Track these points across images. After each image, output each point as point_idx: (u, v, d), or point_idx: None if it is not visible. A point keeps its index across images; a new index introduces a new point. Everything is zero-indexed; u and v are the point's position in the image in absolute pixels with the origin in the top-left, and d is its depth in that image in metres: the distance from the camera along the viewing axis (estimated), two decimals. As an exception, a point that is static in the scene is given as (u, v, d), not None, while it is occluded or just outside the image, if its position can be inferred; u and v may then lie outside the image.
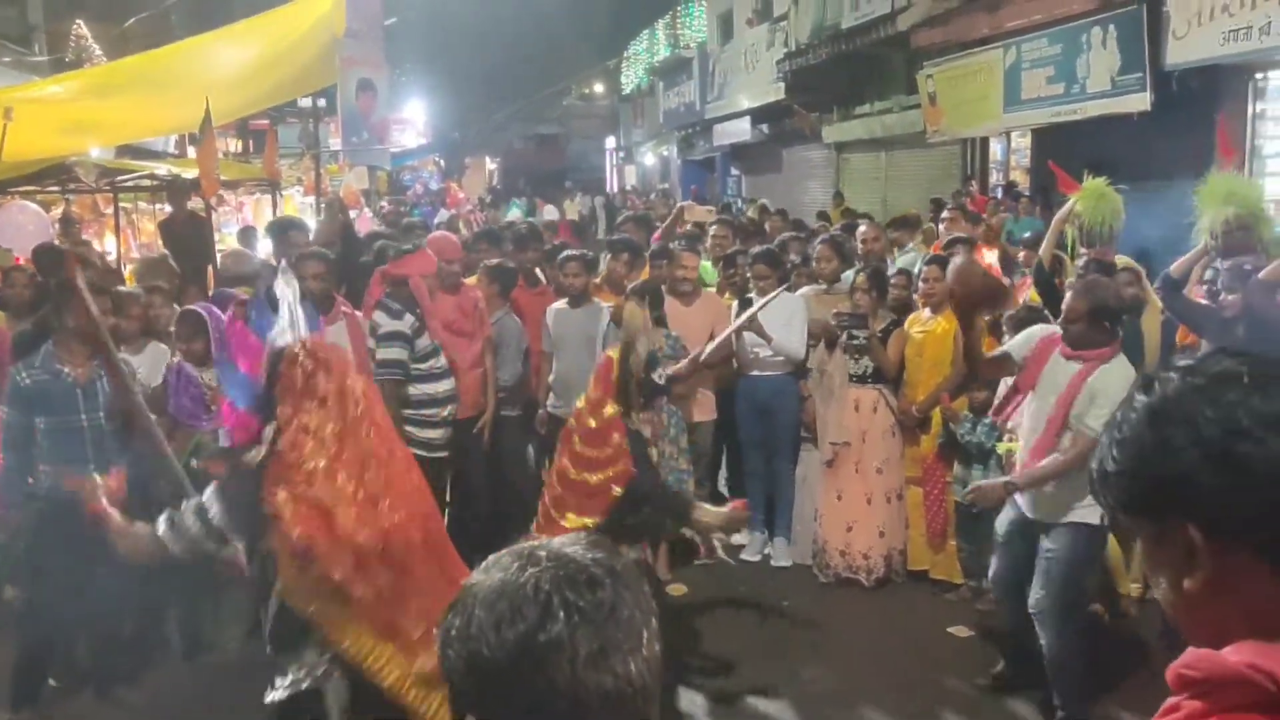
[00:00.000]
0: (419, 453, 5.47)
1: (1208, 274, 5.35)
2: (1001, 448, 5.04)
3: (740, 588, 5.80)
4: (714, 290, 6.66)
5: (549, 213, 20.17)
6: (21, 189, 9.68)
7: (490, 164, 38.80)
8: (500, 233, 7.69)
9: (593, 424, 4.10)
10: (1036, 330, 4.47)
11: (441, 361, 5.43)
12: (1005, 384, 5.16)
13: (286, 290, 3.36)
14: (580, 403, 4.25)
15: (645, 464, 4.15)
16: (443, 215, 16.29)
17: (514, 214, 16.92)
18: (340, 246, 6.51)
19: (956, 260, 4.46)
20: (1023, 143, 14.09)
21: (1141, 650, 4.78)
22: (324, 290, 5.27)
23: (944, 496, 5.58)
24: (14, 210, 8.97)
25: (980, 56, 12.64)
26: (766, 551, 6.24)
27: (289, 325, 3.22)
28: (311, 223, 10.26)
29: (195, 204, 9.14)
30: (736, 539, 6.42)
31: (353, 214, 13.09)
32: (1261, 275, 4.90)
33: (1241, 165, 9.32)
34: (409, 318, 5.30)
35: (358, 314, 5.39)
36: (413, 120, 29.14)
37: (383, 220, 13.24)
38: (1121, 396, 3.76)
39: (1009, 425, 4.68)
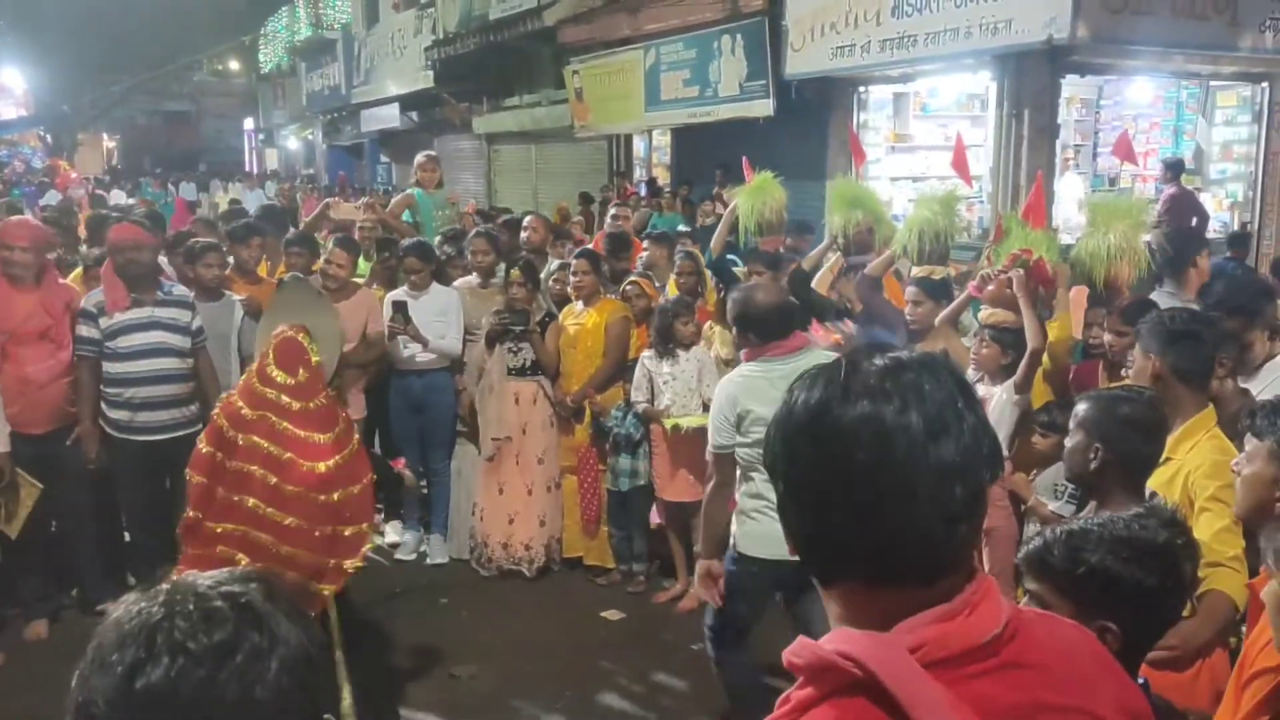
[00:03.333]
0: (110, 433, 4.97)
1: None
2: (669, 422, 5.20)
3: (396, 588, 5.63)
4: (362, 283, 6.39)
5: (185, 194, 18.61)
6: None
7: (109, 141, 35.17)
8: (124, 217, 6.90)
9: (312, 406, 3.86)
10: None
11: (134, 340, 4.93)
12: (643, 372, 5.37)
13: None
14: (255, 390, 3.85)
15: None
16: (52, 197, 14.50)
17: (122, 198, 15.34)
18: None
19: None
20: (664, 141, 14.83)
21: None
22: None
23: (597, 484, 5.72)
24: None
25: (623, 56, 13.14)
26: (422, 549, 6.11)
27: None
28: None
29: None
30: (390, 538, 6.27)
31: (-69, 193, 11.32)
32: (866, 270, 5.45)
33: (849, 169, 10.39)
34: (95, 295, 4.97)
35: None
36: (9, 88, 25.78)
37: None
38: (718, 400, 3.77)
39: None
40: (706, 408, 5.23)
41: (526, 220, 7.14)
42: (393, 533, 6.30)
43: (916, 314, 4.90)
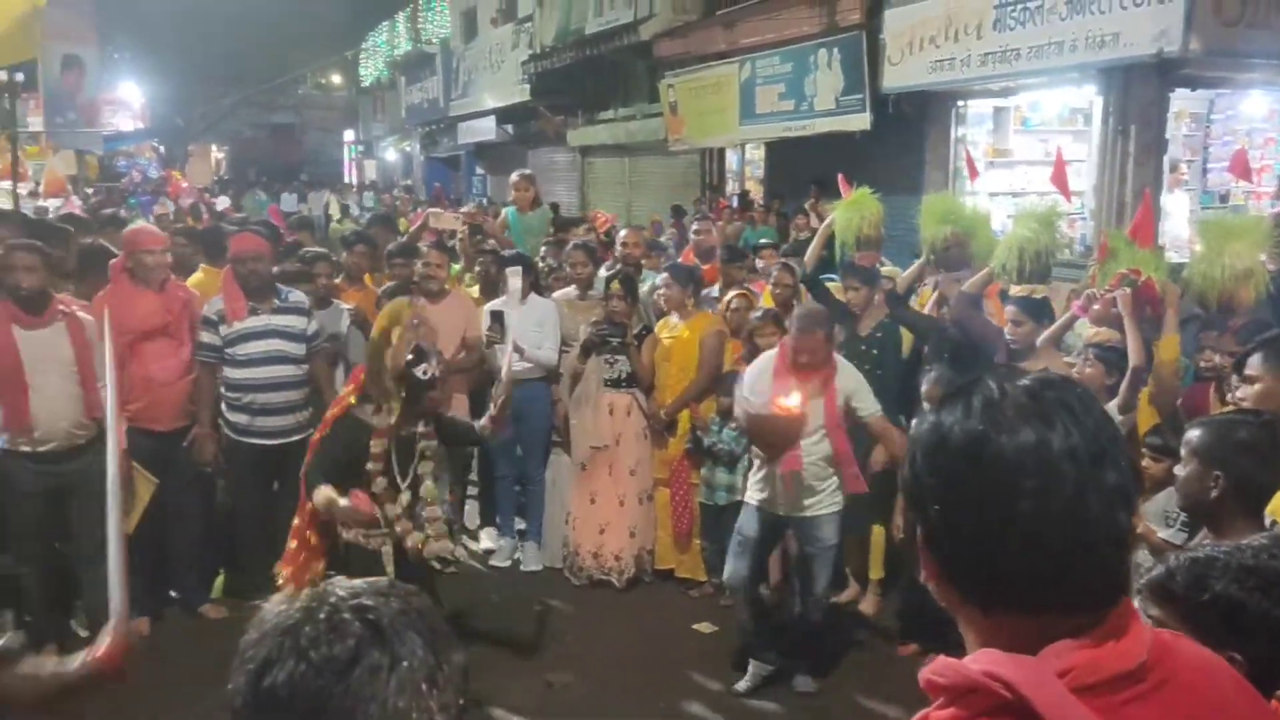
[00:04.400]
0: (228, 434, 5.20)
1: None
2: None
3: (491, 595, 5.74)
4: (462, 288, 6.54)
5: (285, 205, 19.25)
6: None
7: (217, 152, 36.49)
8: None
9: (333, 412, 4.20)
10: (763, 368, 4.71)
11: (252, 348, 5.12)
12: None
13: None
14: None
15: (334, 442, 4.19)
16: (167, 206, 15.12)
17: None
18: None
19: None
20: (757, 154, 14.80)
21: (881, 630, 5.25)
22: (38, 287, 4.61)
23: (690, 498, 5.74)
24: None
25: (718, 70, 13.17)
26: (516, 556, 6.21)
27: None
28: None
29: None
30: (485, 544, 6.39)
31: (58, 202, 11.93)
32: (964, 287, 5.39)
33: (946, 185, 10.25)
34: (216, 303, 5.18)
35: (83, 316, 4.77)
36: (128, 102, 26.92)
37: (97, 207, 12.09)
38: (856, 380, 4.02)
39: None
40: None
41: (623, 234, 7.19)
42: (487, 539, 6.42)
43: (1017, 334, 4.83)
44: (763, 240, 8.60)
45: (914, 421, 1.24)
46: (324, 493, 3.97)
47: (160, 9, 25.66)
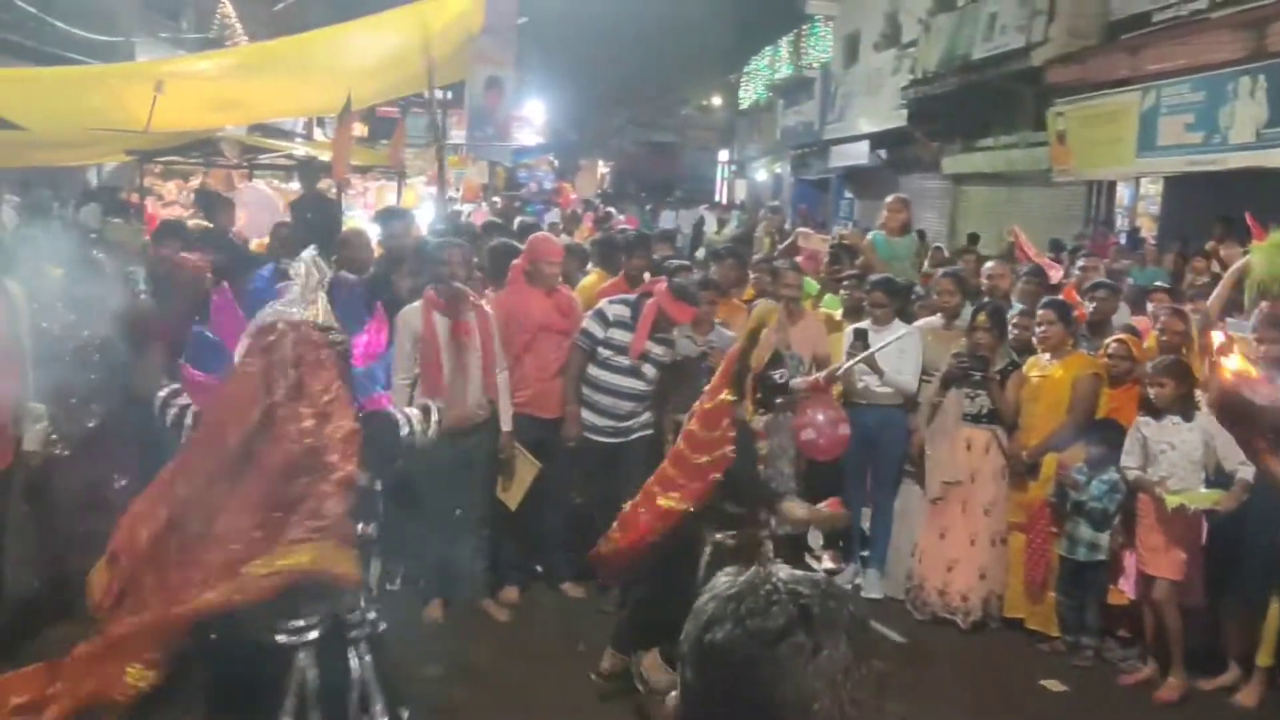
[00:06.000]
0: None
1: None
2: (1172, 500, 4.76)
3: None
4: (813, 310, 6.62)
5: (665, 221, 20.42)
6: (166, 159, 10.14)
7: (602, 167, 39.11)
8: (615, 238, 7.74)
9: (707, 406, 4.26)
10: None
11: (620, 359, 5.50)
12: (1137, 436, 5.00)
13: (307, 271, 3.35)
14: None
15: (746, 453, 4.25)
16: (554, 215, 16.52)
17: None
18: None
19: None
20: (1153, 189, 13.67)
21: None
22: (460, 279, 5.27)
23: (1047, 546, 5.42)
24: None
25: (1116, 98, 12.31)
26: (858, 581, 6.18)
27: (291, 303, 3.27)
28: (431, 212, 10.49)
29: (324, 185, 9.46)
30: (828, 566, 6.40)
31: (470, 208, 13.39)
32: None
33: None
34: (618, 307, 5.55)
35: (487, 308, 5.38)
36: (531, 118, 29.54)
37: (497, 214, 13.46)
38: None
39: None
40: (1210, 483, 4.82)
41: (989, 266, 6.97)
42: (830, 561, 6.44)
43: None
44: (1157, 283, 7.94)
45: None
46: (795, 509, 4.35)
47: (563, 34, 28.01)
